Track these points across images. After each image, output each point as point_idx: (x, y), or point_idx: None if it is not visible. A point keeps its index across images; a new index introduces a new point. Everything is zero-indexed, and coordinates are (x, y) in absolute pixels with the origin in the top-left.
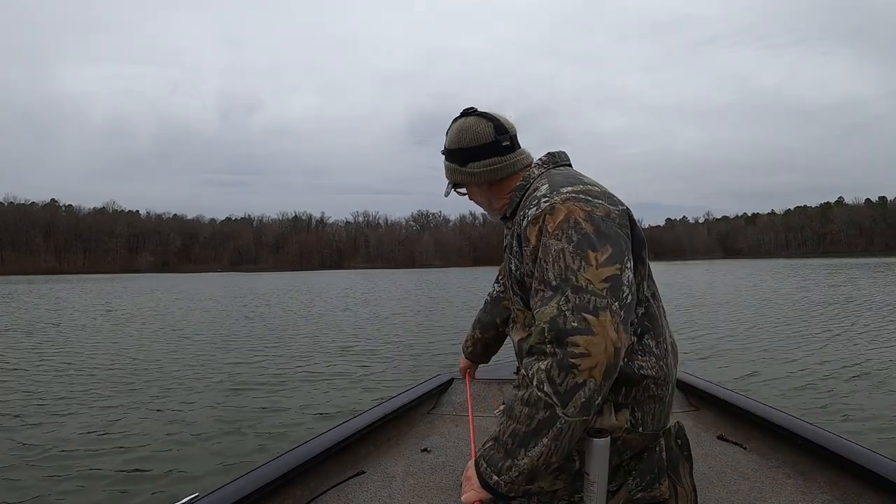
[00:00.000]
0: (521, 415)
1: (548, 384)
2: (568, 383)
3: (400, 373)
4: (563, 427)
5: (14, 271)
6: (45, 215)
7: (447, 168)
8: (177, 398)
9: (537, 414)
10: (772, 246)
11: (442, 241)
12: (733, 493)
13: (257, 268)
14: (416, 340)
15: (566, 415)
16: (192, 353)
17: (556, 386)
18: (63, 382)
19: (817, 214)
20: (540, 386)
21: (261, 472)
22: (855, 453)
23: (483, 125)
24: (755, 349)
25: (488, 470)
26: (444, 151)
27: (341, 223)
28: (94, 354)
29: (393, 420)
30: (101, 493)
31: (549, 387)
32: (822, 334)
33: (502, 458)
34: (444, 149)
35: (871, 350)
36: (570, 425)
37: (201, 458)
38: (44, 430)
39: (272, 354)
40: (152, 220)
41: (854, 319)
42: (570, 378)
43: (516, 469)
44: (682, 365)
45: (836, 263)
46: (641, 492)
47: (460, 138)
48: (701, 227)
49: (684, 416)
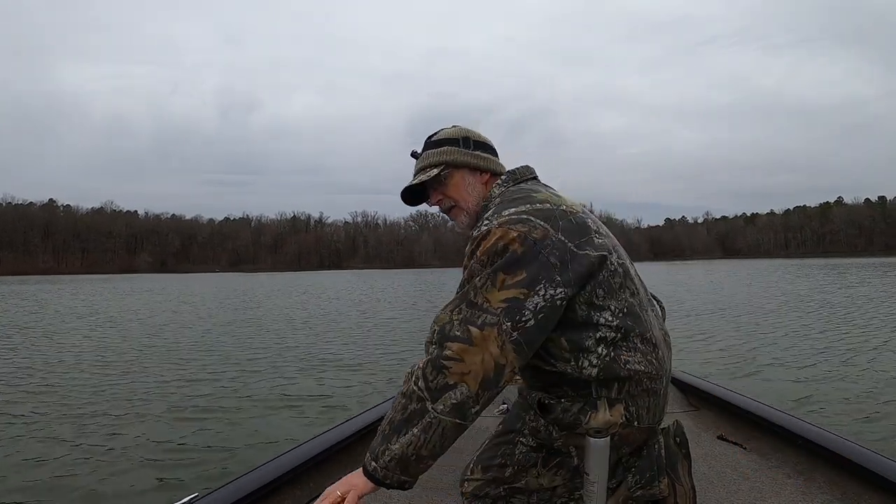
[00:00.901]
0: (398, 405)
1: (422, 380)
2: (438, 382)
3: (399, 375)
4: (431, 421)
5: (11, 272)
6: (44, 215)
7: (439, 152)
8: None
9: (410, 405)
10: (771, 246)
11: (441, 241)
12: (733, 493)
13: (255, 268)
14: (417, 340)
15: (435, 410)
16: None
17: (428, 382)
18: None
19: (817, 214)
20: (416, 381)
21: (261, 472)
22: (855, 453)
23: (482, 135)
24: (815, 363)
25: (368, 456)
26: (435, 142)
27: (340, 223)
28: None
29: None
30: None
31: (422, 382)
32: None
33: (379, 443)
34: (431, 141)
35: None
36: (439, 421)
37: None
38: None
39: (260, 358)
40: (151, 220)
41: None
42: (441, 378)
43: (389, 454)
44: (720, 370)
45: (837, 263)
46: (641, 489)
47: (468, 132)
48: (700, 227)
49: (684, 416)
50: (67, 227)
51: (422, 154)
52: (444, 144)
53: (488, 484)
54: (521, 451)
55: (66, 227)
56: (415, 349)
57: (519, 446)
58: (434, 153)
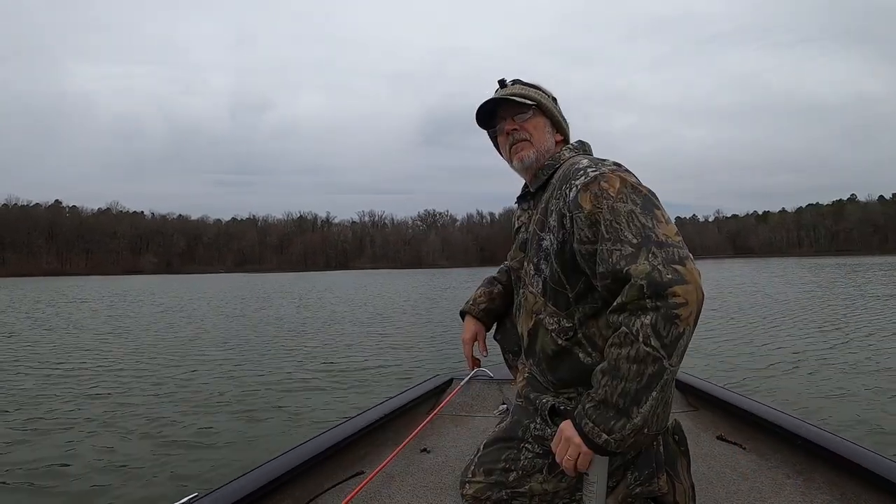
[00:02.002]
0: (631, 372)
1: (654, 338)
2: (672, 334)
3: (397, 374)
4: (668, 378)
5: (15, 273)
6: (48, 216)
7: (534, 90)
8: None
9: (647, 369)
10: (784, 244)
11: (449, 241)
12: (733, 494)
13: (261, 268)
14: (415, 341)
15: (671, 366)
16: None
17: (663, 339)
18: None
19: (830, 212)
20: (647, 341)
21: (260, 472)
22: (855, 454)
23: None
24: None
25: (596, 429)
26: (535, 84)
27: (347, 223)
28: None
29: (392, 420)
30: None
31: (656, 340)
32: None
33: (614, 416)
34: (528, 81)
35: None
36: (673, 375)
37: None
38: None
39: (253, 359)
40: (157, 220)
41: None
42: (675, 329)
43: (630, 427)
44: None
45: (857, 263)
46: (640, 487)
47: (550, 94)
48: (711, 226)
49: (684, 416)
50: (72, 228)
51: (513, 83)
52: (538, 89)
53: (490, 487)
54: (527, 457)
55: (71, 227)
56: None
57: (524, 452)
58: (531, 90)
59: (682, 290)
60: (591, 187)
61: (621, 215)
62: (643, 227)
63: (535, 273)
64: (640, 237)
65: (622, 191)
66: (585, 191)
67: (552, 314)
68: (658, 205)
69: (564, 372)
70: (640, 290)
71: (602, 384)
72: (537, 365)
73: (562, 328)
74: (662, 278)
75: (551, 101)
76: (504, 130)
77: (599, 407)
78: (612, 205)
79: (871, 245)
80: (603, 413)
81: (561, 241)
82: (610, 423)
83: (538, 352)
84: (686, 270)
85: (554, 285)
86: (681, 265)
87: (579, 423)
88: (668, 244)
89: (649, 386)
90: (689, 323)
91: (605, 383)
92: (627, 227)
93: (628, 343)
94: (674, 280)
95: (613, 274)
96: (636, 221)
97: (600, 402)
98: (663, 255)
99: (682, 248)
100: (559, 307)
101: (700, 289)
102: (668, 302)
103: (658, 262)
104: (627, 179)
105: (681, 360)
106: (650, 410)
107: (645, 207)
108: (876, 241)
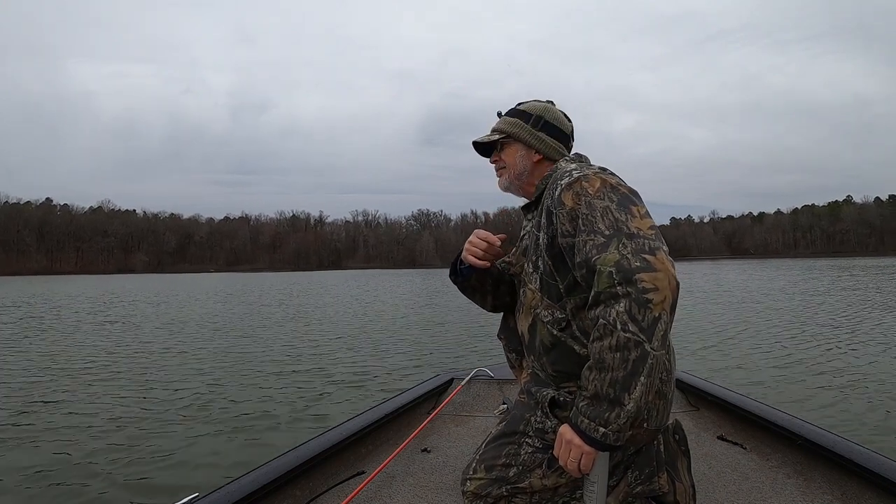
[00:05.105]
0: (616, 361)
1: (631, 323)
2: (648, 318)
3: (397, 374)
4: (653, 362)
5: (3, 272)
6: (39, 214)
7: (509, 122)
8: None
9: (630, 354)
10: (779, 245)
11: (443, 241)
12: (733, 494)
13: (253, 268)
14: (415, 341)
15: (654, 349)
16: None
17: (640, 323)
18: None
19: (825, 213)
20: (625, 327)
21: (261, 472)
22: (855, 453)
23: (566, 121)
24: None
25: (592, 425)
26: (515, 111)
27: (340, 222)
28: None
29: (393, 420)
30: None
31: (633, 325)
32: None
33: (607, 408)
34: (515, 108)
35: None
36: (657, 359)
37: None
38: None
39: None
40: (148, 219)
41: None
42: (649, 313)
43: (624, 415)
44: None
45: (853, 264)
46: (640, 485)
47: (545, 112)
48: (706, 227)
49: (684, 416)
50: (62, 227)
51: (501, 118)
52: (517, 116)
53: (491, 483)
54: (527, 452)
55: (62, 226)
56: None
57: (524, 447)
58: (506, 121)
59: (650, 276)
60: (574, 186)
61: (597, 210)
62: (616, 221)
63: (533, 270)
64: (613, 229)
65: (601, 189)
66: (568, 189)
67: (547, 307)
68: (636, 202)
69: (563, 364)
70: (609, 276)
71: (591, 380)
72: (538, 360)
73: (555, 319)
74: (630, 265)
75: (527, 124)
76: (491, 160)
77: (592, 402)
78: (589, 201)
79: (866, 246)
80: (596, 407)
81: (550, 235)
82: (605, 416)
83: (538, 346)
84: (656, 260)
85: (547, 278)
86: (650, 255)
87: (576, 422)
88: (640, 236)
89: (636, 371)
90: (665, 308)
91: (593, 378)
92: (601, 220)
93: (608, 333)
94: (641, 267)
95: (587, 262)
96: (610, 216)
97: (592, 397)
98: (633, 245)
99: (654, 241)
100: (552, 299)
101: (672, 277)
102: (638, 287)
103: (627, 252)
104: (608, 180)
105: (662, 344)
106: (641, 395)
107: (621, 204)
108: (872, 242)
